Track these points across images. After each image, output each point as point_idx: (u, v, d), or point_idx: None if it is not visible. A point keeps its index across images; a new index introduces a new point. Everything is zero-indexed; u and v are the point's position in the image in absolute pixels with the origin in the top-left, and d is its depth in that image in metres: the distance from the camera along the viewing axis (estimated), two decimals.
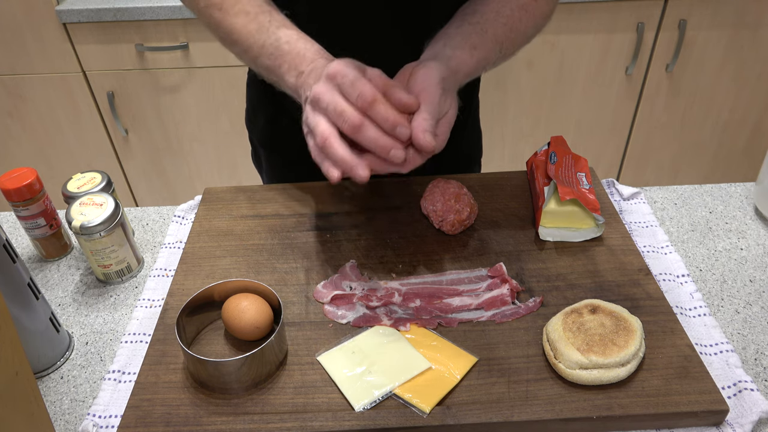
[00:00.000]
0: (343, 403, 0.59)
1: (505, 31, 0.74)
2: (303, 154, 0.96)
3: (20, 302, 0.63)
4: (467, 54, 0.70)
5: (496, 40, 0.73)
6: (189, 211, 0.86)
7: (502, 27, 0.73)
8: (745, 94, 1.84)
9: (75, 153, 1.93)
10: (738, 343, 0.66)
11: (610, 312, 0.62)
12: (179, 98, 1.81)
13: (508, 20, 0.74)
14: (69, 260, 0.82)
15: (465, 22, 0.73)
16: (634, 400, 0.58)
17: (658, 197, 0.88)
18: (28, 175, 0.75)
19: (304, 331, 0.66)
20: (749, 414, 0.57)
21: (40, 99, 1.80)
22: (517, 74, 1.79)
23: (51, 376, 0.67)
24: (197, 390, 0.61)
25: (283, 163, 1.00)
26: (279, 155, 1.00)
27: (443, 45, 0.71)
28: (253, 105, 0.98)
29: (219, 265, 0.75)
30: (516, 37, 0.76)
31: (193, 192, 2.02)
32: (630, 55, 1.75)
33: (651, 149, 1.97)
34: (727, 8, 1.67)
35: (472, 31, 0.72)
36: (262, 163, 1.04)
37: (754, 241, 0.79)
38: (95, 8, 1.63)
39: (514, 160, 1.98)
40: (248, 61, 0.73)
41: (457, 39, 0.71)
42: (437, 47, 0.71)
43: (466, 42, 0.71)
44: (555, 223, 0.75)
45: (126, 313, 0.74)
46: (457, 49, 0.70)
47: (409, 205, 0.83)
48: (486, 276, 0.72)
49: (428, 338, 0.65)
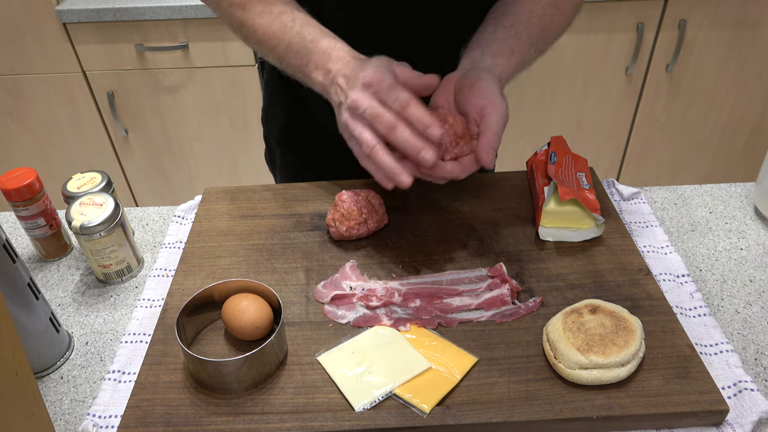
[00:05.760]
0: (343, 403, 0.59)
1: (538, 30, 0.74)
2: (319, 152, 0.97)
3: (20, 302, 0.63)
4: (506, 60, 0.72)
5: (530, 42, 0.74)
6: (189, 211, 0.86)
7: (535, 27, 0.74)
8: (745, 94, 1.84)
9: (75, 153, 1.93)
10: (738, 343, 0.66)
11: (610, 312, 0.62)
12: (179, 98, 1.81)
13: (540, 20, 0.74)
14: (69, 260, 0.82)
15: (499, 25, 0.74)
16: (634, 400, 0.58)
17: (658, 197, 0.88)
18: (28, 175, 0.75)
19: (304, 331, 0.66)
20: (749, 414, 0.57)
21: (40, 99, 1.80)
22: None
23: (51, 376, 0.67)
24: (197, 390, 0.61)
25: (299, 161, 1.00)
26: (295, 153, 1.00)
27: (481, 53, 0.72)
28: (271, 103, 0.98)
29: (219, 265, 0.75)
30: (548, 35, 0.77)
31: (193, 192, 2.02)
32: (630, 55, 1.75)
33: (651, 149, 1.97)
34: (727, 8, 1.67)
35: (507, 35, 0.73)
36: (277, 163, 1.04)
37: (754, 241, 0.79)
38: (95, 8, 1.63)
39: (514, 160, 1.98)
40: (274, 59, 0.74)
41: (495, 45, 0.72)
42: (475, 55, 0.72)
43: (503, 48, 0.72)
44: (555, 223, 0.75)
45: (126, 313, 0.74)
46: (497, 56, 0.71)
47: (408, 205, 0.83)
48: (486, 276, 0.72)
49: (428, 338, 0.65)
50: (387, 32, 0.79)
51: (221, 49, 1.71)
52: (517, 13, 0.74)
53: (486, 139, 0.66)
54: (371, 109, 0.63)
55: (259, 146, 1.10)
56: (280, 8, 0.72)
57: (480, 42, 0.73)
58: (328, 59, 0.69)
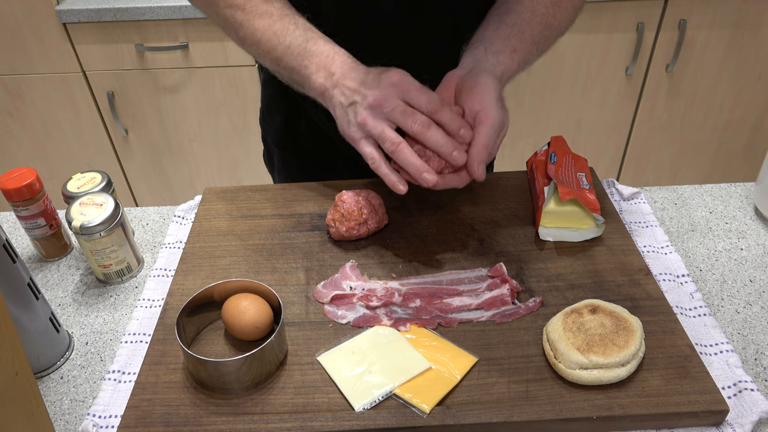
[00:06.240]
0: (343, 403, 0.59)
1: (540, 29, 0.75)
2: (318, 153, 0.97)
3: (20, 302, 0.63)
4: (508, 58, 0.72)
5: (533, 41, 0.74)
6: (189, 211, 0.86)
7: (538, 26, 0.74)
8: (745, 94, 1.84)
9: (75, 153, 1.93)
10: (738, 343, 0.66)
11: (610, 312, 0.62)
12: (179, 98, 1.81)
13: (543, 18, 0.75)
14: (69, 260, 0.82)
15: (502, 23, 0.74)
16: (634, 400, 0.58)
17: (658, 197, 0.88)
18: (28, 175, 0.75)
19: (304, 331, 0.66)
20: (749, 414, 0.57)
21: (40, 99, 1.80)
22: None
23: (51, 376, 0.67)
24: (197, 390, 0.61)
25: (297, 162, 1.00)
26: (294, 154, 1.00)
27: (484, 51, 0.72)
28: (269, 104, 0.98)
29: (219, 265, 0.75)
30: (551, 34, 0.77)
31: (193, 192, 2.02)
32: (630, 55, 1.75)
33: (651, 149, 1.97)
34: (727, 8, 1.67)
35: (510, 33, 0.73)
36: (275, 163, 1.04)
37: (754, 241, 0.79)
38: (95, 8, 1.63)
39: (514, 160, 1.98)
40: (270, 61, 0.74)
41: (497, 43, 0.72)
42: (478, 53, 0.72)
43: (506, 46, 0.72)
44: (555, 223, 0.75)
45: (126, 313, 0.74)
46: (499, 54, 0.71)
47: (409, 205, 0.83)
48: (486, 276, 0.72)
49: (428, 338, 0.65)
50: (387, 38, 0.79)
51: (221, 49, 1.71)
52: (520, 12, 0.74)
53: (474, 151, 0.66)
54: (401, 107, 0.64)
55: (258, 146, 1.10)
56: (281, 12, 0.72)
57: (482, 39, 0.73)
58: (332, 62, 0.69)
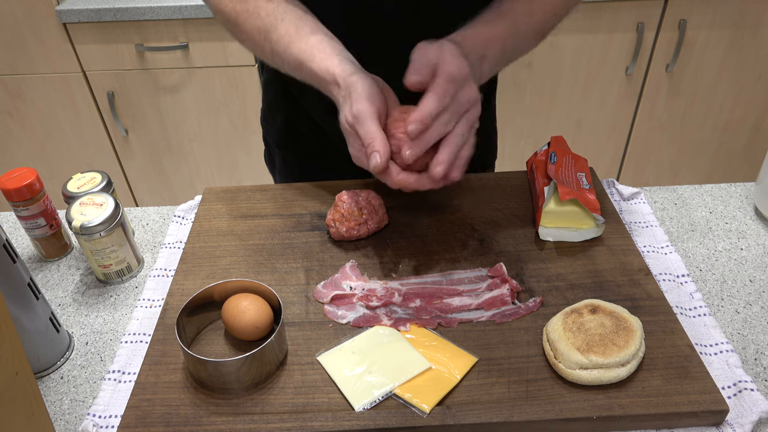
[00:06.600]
0: (343, 403, 0.59)
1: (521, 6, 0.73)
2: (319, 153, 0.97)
3: (20, 302, 0.63)
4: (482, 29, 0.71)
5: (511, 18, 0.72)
6: (189, 211, 0.86)
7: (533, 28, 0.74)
8: (745, 94, 1.84)
9: (75, 153, 1.93)
10: (738, 343, 0.66)
11: (610, 312, 0.62)
12: (179, 98, 1.81)
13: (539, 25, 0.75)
14: (69, 260, 0.82)
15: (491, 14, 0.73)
16: (634, 400, 0.58)
17: (658, 197, 0.88)
18: (28, 175, 0.75)
19: (304, 331, 0.66)
20: (749, 414, 0.57)
21: (40, 99, 1.80)
22: (517, 74, 1.80)
23: (51, 376, 0.67)
24: (197, 390, 0.61)
25: (298, 162, 1.00)
26: (295, 155, 1.00)
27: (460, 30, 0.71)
28: (270, 105, 0.98)
29: (219, 265, 0.75)
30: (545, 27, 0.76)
31: (193, 192, 2.02)
32: (630, 55, 1.75)
33: (651, 149, 1.97)
34: (727, 8, 1.67)
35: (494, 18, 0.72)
36: (276, 163, 1.04)
37: (754, 241, 0.79)
38: (95, 8, 1.63)
39: (514, 160, 1.98)
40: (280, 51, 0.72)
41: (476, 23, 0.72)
42: None
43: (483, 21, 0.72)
44: (555, 223, 0.75)
45: (126, 313, 0.74)
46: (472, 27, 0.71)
47: (409, 205, 0.83)
48: (486, 276, 0.72)
49: (428, 338, 0.65)
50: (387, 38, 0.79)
51: (221, 49, 1.71)
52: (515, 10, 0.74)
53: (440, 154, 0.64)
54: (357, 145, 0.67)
55: (259, 146, 1.10)
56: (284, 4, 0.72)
57: None
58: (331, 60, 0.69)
